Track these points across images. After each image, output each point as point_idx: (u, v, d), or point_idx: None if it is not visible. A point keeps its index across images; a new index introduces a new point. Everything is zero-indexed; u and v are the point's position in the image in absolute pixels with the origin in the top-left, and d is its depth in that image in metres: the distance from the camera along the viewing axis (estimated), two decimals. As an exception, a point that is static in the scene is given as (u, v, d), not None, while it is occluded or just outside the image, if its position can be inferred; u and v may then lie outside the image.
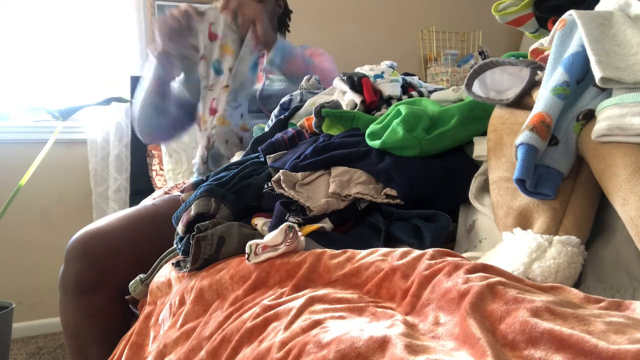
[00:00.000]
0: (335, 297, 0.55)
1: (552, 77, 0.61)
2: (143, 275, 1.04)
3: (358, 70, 1.04)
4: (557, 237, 0.57)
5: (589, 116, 0.59)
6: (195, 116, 1.50)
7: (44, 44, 2.33)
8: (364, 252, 0.62)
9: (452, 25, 2.95)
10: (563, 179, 0.60)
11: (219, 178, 0.90)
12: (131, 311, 1.23)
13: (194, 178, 1.39)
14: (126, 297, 1.11)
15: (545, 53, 0.71)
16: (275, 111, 1.23)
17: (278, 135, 1.00)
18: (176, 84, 1.51)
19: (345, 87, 1.01)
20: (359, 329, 0.44)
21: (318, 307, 0.53)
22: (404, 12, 2.96)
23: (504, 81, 0.72)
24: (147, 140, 1.58)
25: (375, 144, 0.81)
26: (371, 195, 0.77)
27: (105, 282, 1.13)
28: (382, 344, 0.41)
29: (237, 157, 1.26)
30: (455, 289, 0.47)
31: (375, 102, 0.97)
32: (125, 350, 0.88)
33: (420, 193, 0.77)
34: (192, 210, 0.83)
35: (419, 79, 1.10)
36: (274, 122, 1.17)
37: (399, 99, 0.98)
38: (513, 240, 0.59)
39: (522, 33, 2.04)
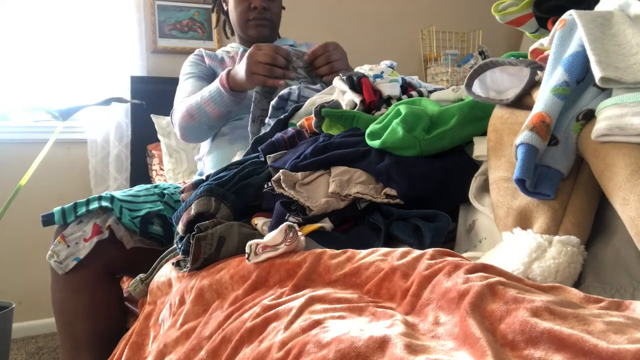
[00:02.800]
0: (335, 297, 0.55)
1: (552, 77, 0.61)
2: (143, 275, 1.04)
3: (358, 69, 1.04)
4: (557, 237, 0.57)
5: (589, 116, 0.59)
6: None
7: (44, 43, 2.33)
8: (364, 252, 0.62)
9: (452, 25, 2.94)
10: (563, 178, 0.60)
11: (219, 178, 0.90)
12: (117, 288, 1.26)
13: (195, 177, 1.39)
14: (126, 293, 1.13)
15: (545, 53, 0.71)
16: (274, 102, 1.23)
17: (278, 135, 1.00)
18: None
19: (345, 87, 1.01)
20: (359, 328, 0.44)
21: (318, 307, 0.53)
22: (404, 12, 2.96)
23: (504, 81, 0.72)
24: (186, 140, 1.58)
25: (375, 143, 0.81)
26: (371, 195, 0.77)
27: (91, 257, 1.15)
28: (382, 343, 0.41)
29: (237, 157, 1.26)
30: (455, 289, 0.47)
31: (374, 102, 0.97)
32: (126, 350, 0.88)
33: (420, 193, 0.77)
34: (192, 210, 0.83)
35: (419, 79, 1.10)
36: (272, 119, 1.17)
37: (399, 99, 0.98)
38: (513, 240, 0.59)
39: (522, 33, 2.04)
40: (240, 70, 1.34)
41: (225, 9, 1.72)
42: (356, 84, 0.98)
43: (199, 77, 1.60)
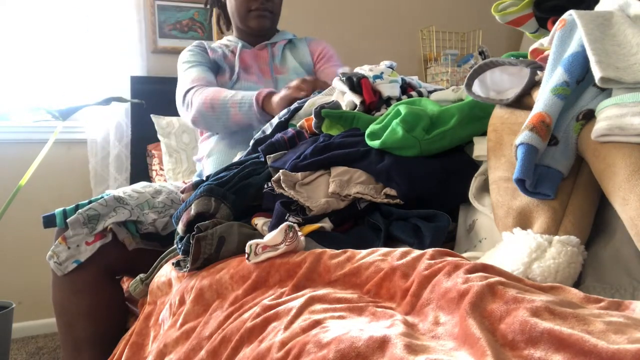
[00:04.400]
0: (335, 297, 0.55)
1: (552, 77, 0.61)
2: (143, 275, 1.04)
3: (358, 70, 1.04)
4: (557, 237, 0.57)
5: (589, 116, 0.59)
6: None
7: (44, 43, 2.33)
8: (363, 252, 0.62)
9: (452, 25, 2.94)
10: (563, 179, 0.60)
11: (219, 178, 0.90)
12: (118, 288, 1.25)
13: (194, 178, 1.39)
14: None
15: (545, 53, 0.71)
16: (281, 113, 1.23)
17: (278, 135, 1.00)
18: None
19: (345, 88, 1.00)
20: (359, 328, 0.44)
21: (318, 307, 0.53)
22: (404, 12, 2.96)
23: (504, 81, 0.72)
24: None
25: (375, 144, 0.81)
26: (371, 195, 0.77)
27: (92, 259, 1.15)
28: (382, 343, 0.41)
29: (238, 157, 1.26)
30: (455, 289, 0.47)
31: (374, 102, 0.97)
32: (126, 350, 0.88)
33: (420, 193, 0.77)
34: (192, 210, 0.83)
35: (419, 79, 1.10)
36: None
37: (399, 99, 0.98)
38: (513, 240, 0.59)
39: (522, 33, 2.04)
40: (276, 98, 1.33)
41: (223, 0, 1.70)
42: (356, 84, 0.98)
43: (205, 65, 1.56)
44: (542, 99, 0.60)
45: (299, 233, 0.68)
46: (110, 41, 2.30)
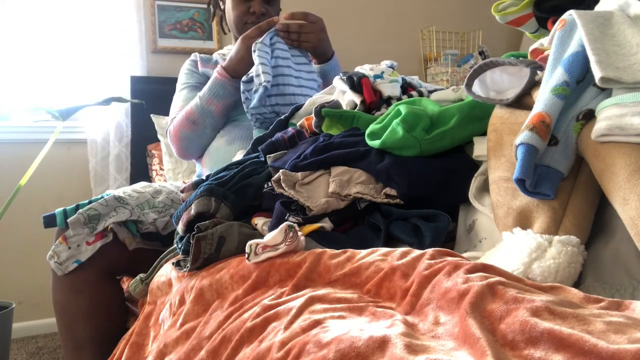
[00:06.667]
0: (335, 296, 0.55)
1: (552, 77, 0.61)
2: (143, 275, 1.04)
3: (358, 69, 1.04)
4: (557, 237, 0.57)
5: (589, 116, 0.59)
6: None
7: (44, 43, 2.33)
8: (363, 251, 0.62)
9: (452, 25, 2.94)
10: (563, 178, 0.60)
11: (219, 178, 0.90)
12: (118, 288, 1.26)
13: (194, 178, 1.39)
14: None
15: (545, 53, 0.71)
16: (244, 77, 1.30)
17: (278, 135, 1.00)
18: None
19: (345, 87, 1.01)
20: (359, 328, 0.44)
21: (318, 306, 0.53)
22: (404, 12, 2.96)
23: (504, 81, 0.72)
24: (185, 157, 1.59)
25: (375, 143, 0.81)
26: (371, 195, 0.77)
27: (92, 259, 1.15)
28: (382, 343, 0.41)
29: (238, 157, 1.26)
30: (455, 289, 0.47)
31: (375, 102, 0.97)
32: (126, 350, 0.88)
33: (420, 193, 0.77)
34: (192, 210, 0.83)
35: (419, 79, 1.10)
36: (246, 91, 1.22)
37: (399, 99, 0.98)
38: (513, 240, 0.59)
39: (522, 33, 2.04)
40: (232, 54, 1.41)
41: (222, 7, 1.71)
42: (356, 84, 0.98)
43: (193, 86, 1.62)
44: (542, 99, 0.60)
45: (299, 233, 0.68)
46: (110, 41, 2.30)
